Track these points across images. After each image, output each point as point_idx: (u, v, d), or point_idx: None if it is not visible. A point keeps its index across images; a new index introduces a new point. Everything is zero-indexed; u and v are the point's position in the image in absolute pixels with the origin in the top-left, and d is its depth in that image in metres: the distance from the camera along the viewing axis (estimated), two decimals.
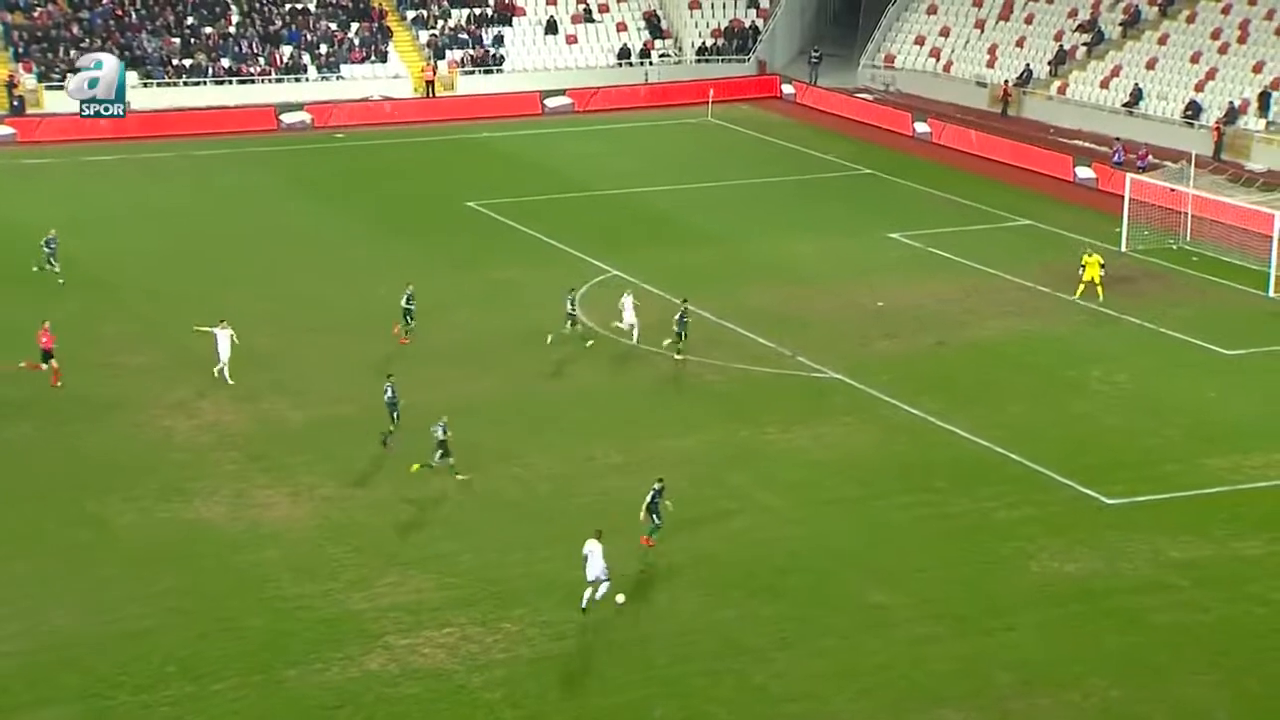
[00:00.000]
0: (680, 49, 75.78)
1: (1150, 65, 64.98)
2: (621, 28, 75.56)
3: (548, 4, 75.85)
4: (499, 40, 73.53)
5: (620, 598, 27.80)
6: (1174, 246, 49.30)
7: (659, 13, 76.86)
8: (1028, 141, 61.84)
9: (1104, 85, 65.58)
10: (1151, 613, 28.19)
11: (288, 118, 66.87)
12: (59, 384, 37.56)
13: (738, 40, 75.96)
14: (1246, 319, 43.77)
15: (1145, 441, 35.40)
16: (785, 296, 45.45)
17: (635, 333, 40.98)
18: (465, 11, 74.53)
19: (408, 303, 40.83)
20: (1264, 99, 59.81)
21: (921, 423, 36.47)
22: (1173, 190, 50.29)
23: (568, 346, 41.07)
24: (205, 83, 67.99)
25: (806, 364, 40.22)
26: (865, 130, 66.64)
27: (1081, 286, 44.74)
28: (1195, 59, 63.94)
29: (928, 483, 33.42)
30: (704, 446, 35.37)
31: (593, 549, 27.96)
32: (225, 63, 68.83)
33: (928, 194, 56.84)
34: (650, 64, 74.49)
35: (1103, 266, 44.66)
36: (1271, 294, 45.16)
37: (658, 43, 75.52)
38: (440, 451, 32.86)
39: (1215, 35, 64.38)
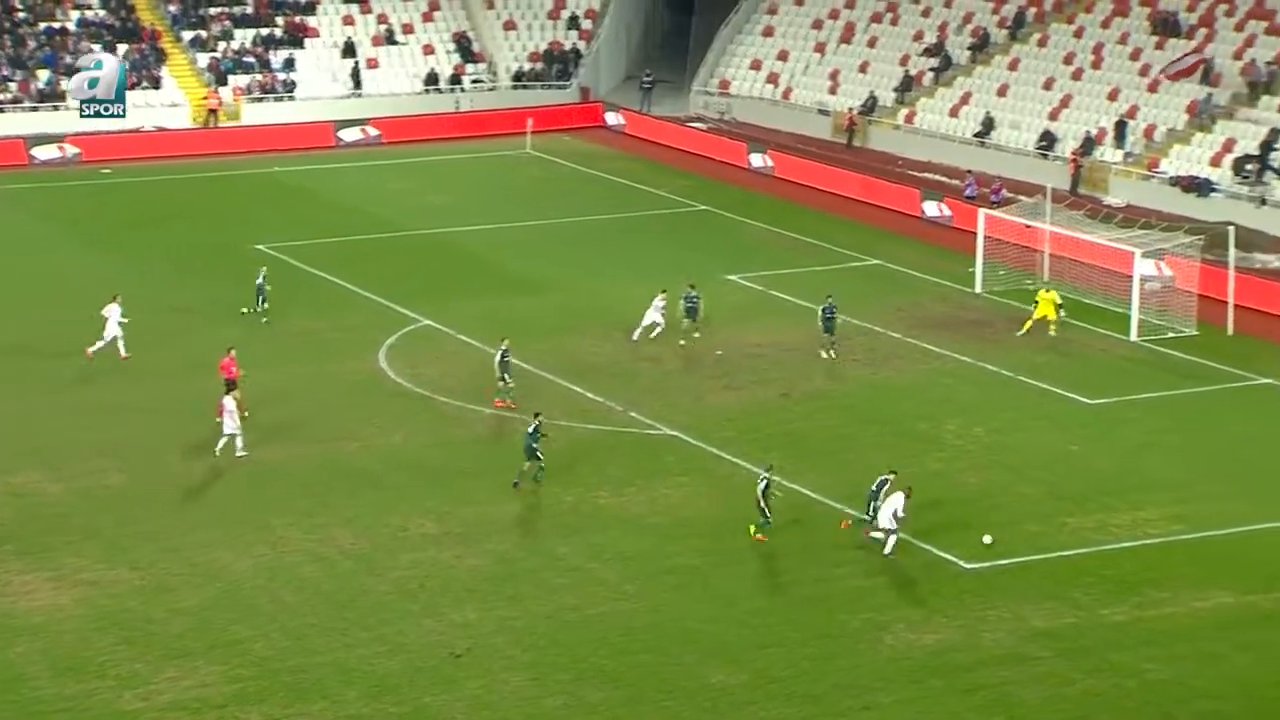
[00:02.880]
0: (495, 74, 75.97)
1: (1001, 92, 66.96)
2: (429, 51, 75.51)
3: (344, 24, 75.52)
4: (290, 64, 72.93)
5: None
6: (1031, 287, 50.64)
7: (470, 34, 77.00)
8: (875, 174, 63.16)
9: (953, 114, 67.36)
10: (1015, 687, 28.73)
11: (41, 152, 65.35)
12: None
13: (558, 64, 76.43)
14: (1108, 365, 45.10)
15: (1005, 500, 36.16)
16: (615, 346, 45.62)
17: (657, 331, 44.29)
18: (251, 32, 73.79)
19: (261, 285, 45.11)
20: (1120, 128, 61.97)
21: None
22: (1029, 227, 51.73)
23: (387, 403, 40.70)
24: None
25: (639, 420, 40.34)
26: (699, 163, 67.44)
27: (1029, 324, 45.64)
28: (1048, 85, 66.05)
29: (773, 548, 33.68)
30: (527, 513, 35.24)
31: None
32: None
33: (768, 232, 57.67)
34: (461, 90, 74.53)
35: (1060, 307, 45.61)
36: (1134, 338, 46.63)
37: (469, 67, 75.60)
38: None
39: (1068, 60, 66.62)
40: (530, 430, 36.16)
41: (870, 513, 33.58)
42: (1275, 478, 37.60)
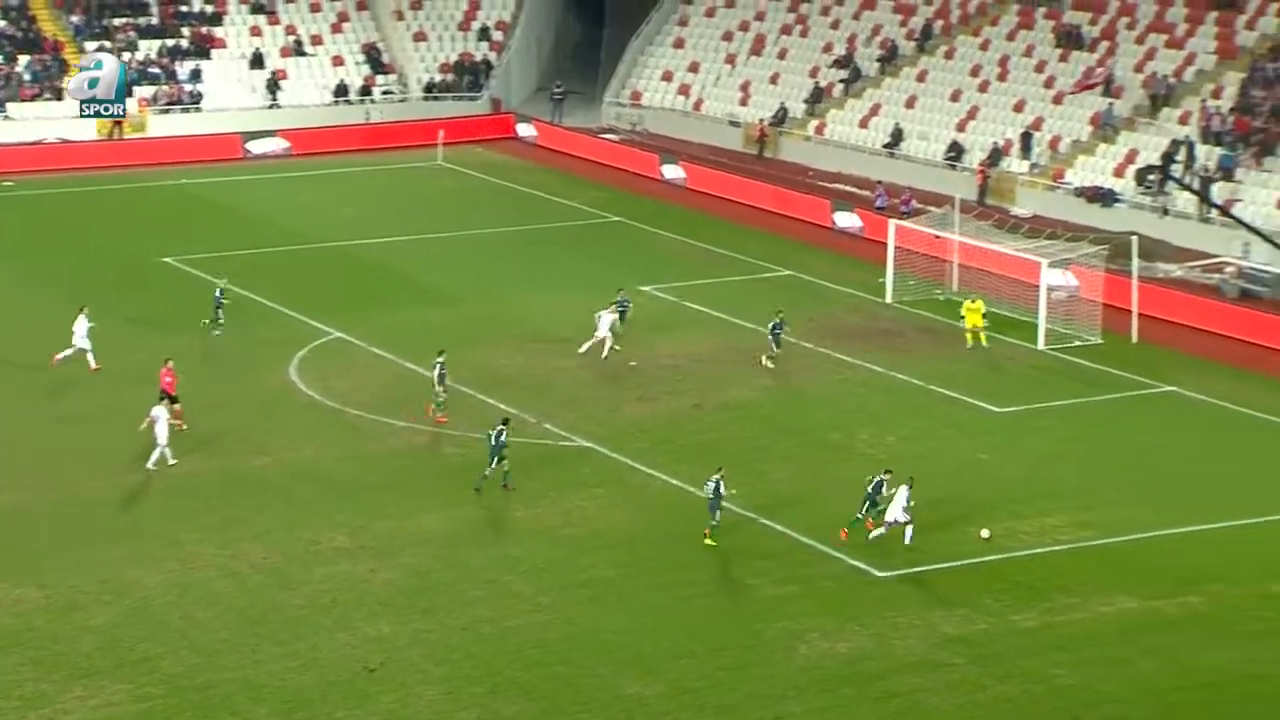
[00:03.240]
0: (405, 85, 75.75)
1: (910, 104, 67.64)
2: (338, 62, 75.17)
3: (252, 35, 75.01)
4: (196, 75, 72.32)
5: None
6: (941, 297, 51.18)
7: (380, 45, 76.73)
8: (786, 185, 63.57)
9: (863, 125, 67.96)
10: (926, 694, 29.02)
11: None
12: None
13: (469, 76, 76.32)
14: (1017, 374, 45.68)
15: (916, 508, 36.40)
16: (528, 357, 45.63)
17: (607, 347, 43.39)
18: (157, 43, 73.10)
19: (219, 299, 45.79)
20: (1026, 139, 62.81)
21: (680, 493, 36.95)
22: (938, 237, 52.30)
23: (298, 416, 40.46)
24: None
25: (553, 431, 40.38)
26: (612, 174, 67.58)
27: (969, 336, 46.22)
28: (955, 97, 66.81)
29: (688, 559, 33.84)
30: (441, 526, 35.17)
31: None
32: None
33: (681, 243, 57.89)
34: (372, 102, 74.23)
35: (985, 316, 46.16)
36: (1041, 347, 47.26)
37: (379, 78, 75.34)
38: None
39: (975, 72, 67.43)
40: (495, 434, 36.23)
41: (863, 513, 34.24)
42: (1178, 484, 38.25)
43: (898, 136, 66.29)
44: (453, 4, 78.92)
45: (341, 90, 73.89)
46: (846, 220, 59.90)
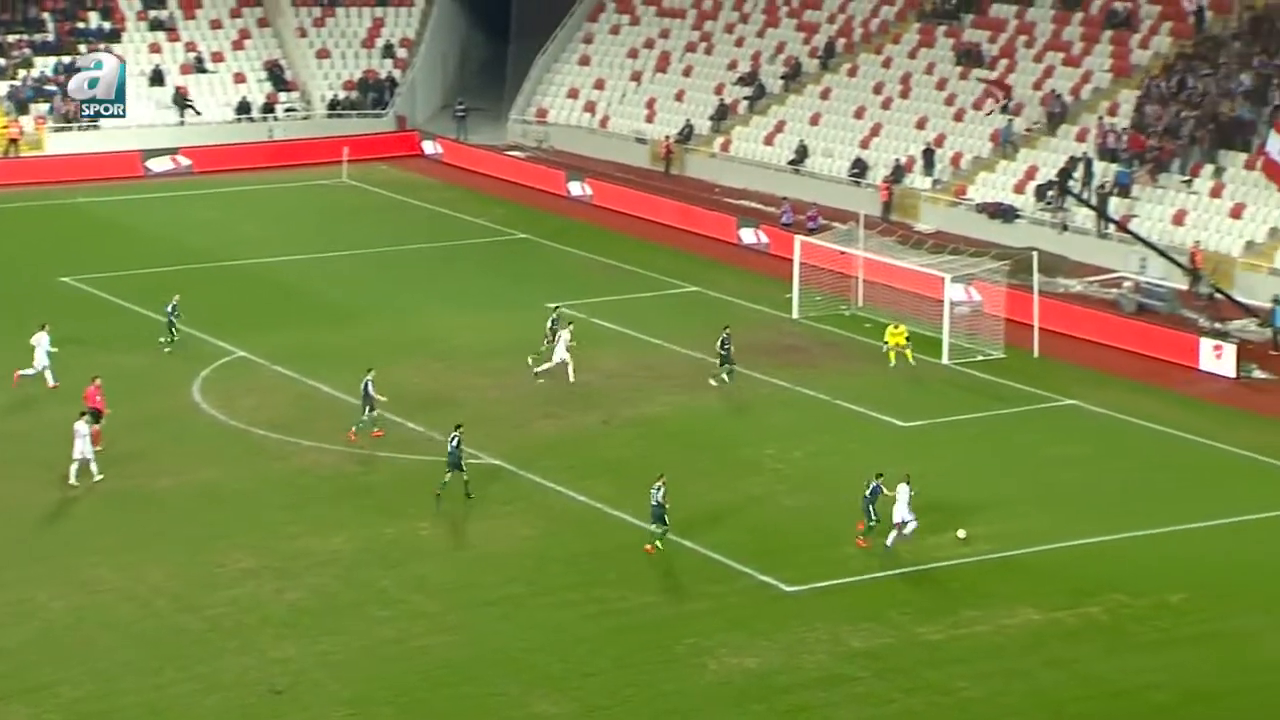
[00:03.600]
0: (309, 103, 75.31)
1: (814, 121, 68.17)
2: (240, 79, 74.60)
3: (151, 52, 74.23)
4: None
5: None
6: (847, 312, 51.57)
7: (282, 62, 76.25)
8: (692, 202, 63.84)
9: (768, 141, 68.41)
10: (833, 708, 29.20)
11: None
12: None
13: (373, 93, 76.01)
14: (922, 388, 46.12)
15: (824, 522, 36.75)
16: (435, 375, 45.48)
17: (570, 369, 43.34)
18: (53, 60, 72.17)
19: (171, 314, 45.21)
20: (928, 156, 63.51)
21: (588, 510, 36.98)
22: (843, 253, 52.72)
23: (202, 436, 40.08)
24: None
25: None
26: (518, 191, 67.53)
27: (893, 355, 46.61)
28: (859, 114, 67.43)
29: (597, 576, 33.87)
30: (348, 546, 34.97)
31: None
32: None
33: (588, 259, 57.96)
34: (275, 119, 73.73)
35: (908, 339, 46.62)
36: (945, 361, 47.77)
37: (282, 96, 74.85)
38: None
39: (878, 89, 68.09)
40: (453, 442, 36.64)
41: (872, 518, 35.13)
42: (1078, 496, 38.75)
43: (802, 153, 66.78)
44: (356, 21, 78.59)
45: (244, 108, 73.32)
46: (752, 236, 60.27)
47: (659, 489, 34.67)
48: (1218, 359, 47.90)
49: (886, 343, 47.00)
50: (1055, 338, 49.55)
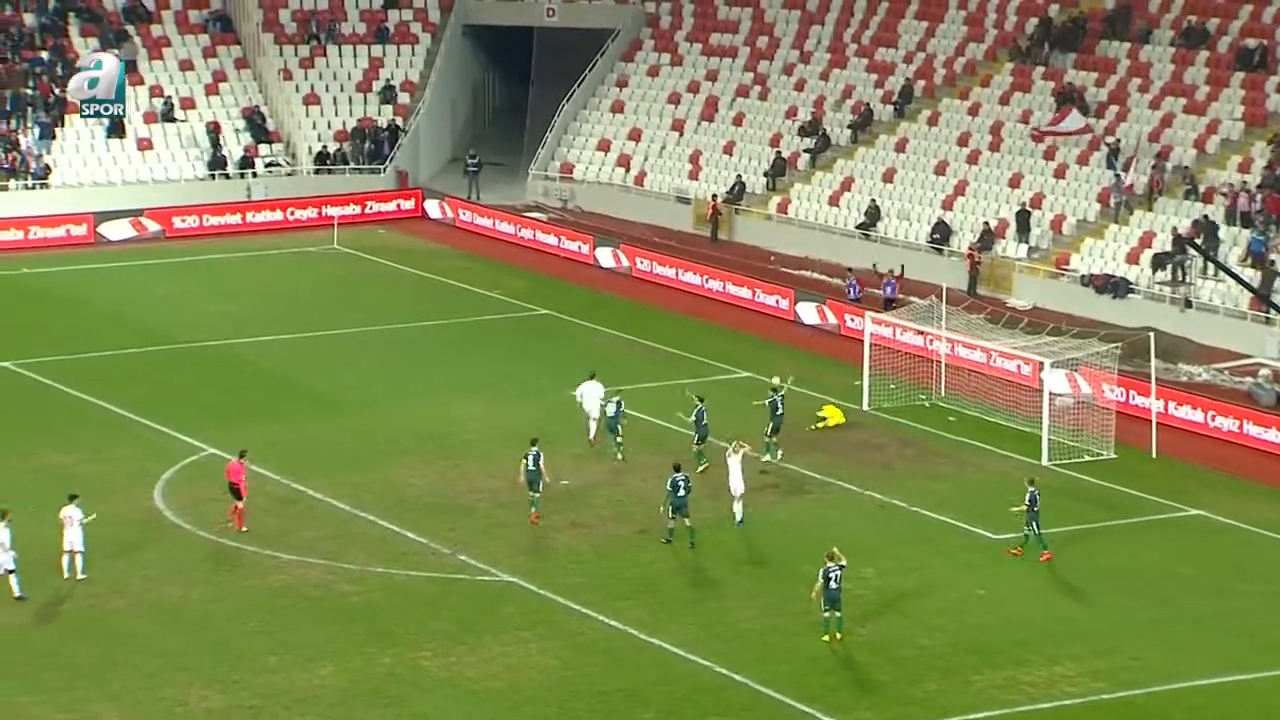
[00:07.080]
0: (294, 156, 76.07)
1: (887, 177, 68.47)
2: (215, 128, 75.40)
3: None
4: (45, 145, 72.25)
5: None
6: (926, 403, 51.49)
7: (263, 110, 77.08)
8: (744, 272, 64.07)
9: (833, 202, 68.70)
10: None
11: None
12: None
13: (370, 145, 76.73)
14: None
15: (900, 653, 36.51)
16: (441, 476, 45.54)
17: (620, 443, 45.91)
18: None
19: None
20: (1023, 219, 63.60)
21: (621, 636, 36.83)
22: (921, 333, 52.75)
23: (163, 548, 40.19)
24: None
25: (471, 564, 40.25)
26: (539, 259, 67.93)
27: (818, 423, 48.54)
28: (941, 170, 67.69)
29: (631, 715, 33.67)
30: (336, 679, 34.88)
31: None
32: None
33: (620, 339, 58.13)
34: (254, 176, 74.48)
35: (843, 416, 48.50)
36: (1045, 462, 47.58)
37: (263, 148, 75.63)
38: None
39: (963, 141, 68.38)
40: (533, 456, 41.52)
41: (1034, 531, 40.55)
42: (1205, 625, 38.41)
43: (874, 215, 67.02)
44: (350, 61, 79.45)
45: (218, 162, 74.08)
46: (813, 313, 60.35)
47: (835, 569, 36.15)
48: None
49: (823, 419, 48.83)
50: (1177, 434, 49.36)
